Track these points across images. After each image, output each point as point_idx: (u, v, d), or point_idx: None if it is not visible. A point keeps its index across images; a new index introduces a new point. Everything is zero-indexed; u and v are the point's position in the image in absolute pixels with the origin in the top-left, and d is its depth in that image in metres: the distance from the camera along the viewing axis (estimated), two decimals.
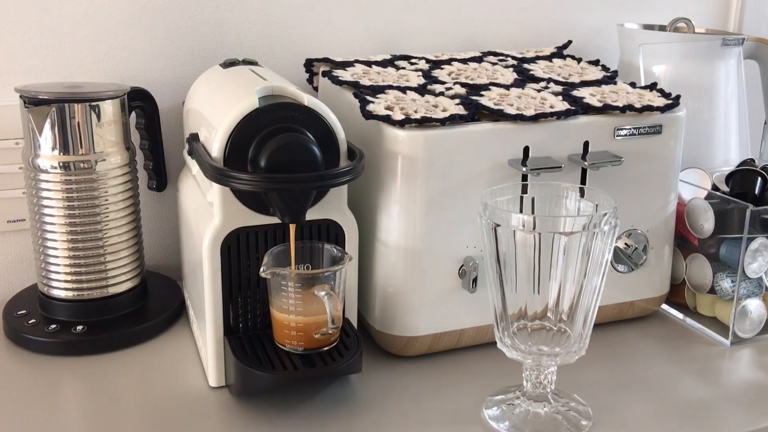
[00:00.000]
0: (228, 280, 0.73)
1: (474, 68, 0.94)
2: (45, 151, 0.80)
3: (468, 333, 0.82)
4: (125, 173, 0.85)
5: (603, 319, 0.88)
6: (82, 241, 0.82)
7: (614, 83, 0.92)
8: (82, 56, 0.93)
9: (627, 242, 0.86)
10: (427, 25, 1.08)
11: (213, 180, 0.69)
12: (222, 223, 0.72)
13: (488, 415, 0.72)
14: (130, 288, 0.87)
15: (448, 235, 0.78)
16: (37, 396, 0.74)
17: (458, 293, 0.80)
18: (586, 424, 0.71)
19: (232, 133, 0.69)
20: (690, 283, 0.91)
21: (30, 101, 0.79)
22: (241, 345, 0.73)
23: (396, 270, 0.79)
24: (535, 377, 0.71)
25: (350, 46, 1.05)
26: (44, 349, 0.82)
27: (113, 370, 0.79)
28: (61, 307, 0.84)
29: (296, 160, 0.68)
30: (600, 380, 0.79)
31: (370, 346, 0.83)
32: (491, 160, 0.78)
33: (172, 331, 0.88)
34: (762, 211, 0.83)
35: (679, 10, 1.21)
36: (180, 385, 0.77)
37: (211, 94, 0.82)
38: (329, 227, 0.75)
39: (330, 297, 0.69)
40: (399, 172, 0.76)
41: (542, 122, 0.79)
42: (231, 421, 0.71)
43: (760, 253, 0.84)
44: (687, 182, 0.92)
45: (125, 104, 0.85)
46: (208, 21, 0.97)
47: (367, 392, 0.76)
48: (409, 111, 0.77)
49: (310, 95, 0.72)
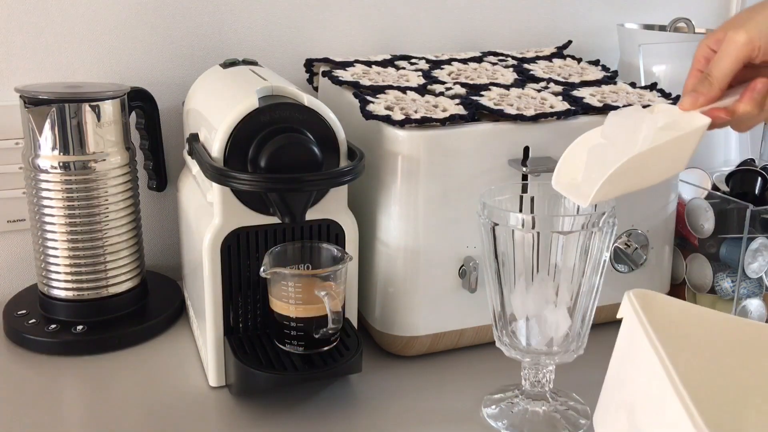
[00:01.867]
0: (228, 280, 0.73)
1: (474, 68, 0.94)
2: (45, 151, 0.80)
3: (468, 333, 0.82)
4: (125, 173, 0.85)
5: (603, 319, 0.88)
6: (82, 241, 0.82)
7: (614, 83, 0.92)
8: (82, 56, 0.93)
9: (627, 242, 0.86)
10: (427, 25, 1.08)
11: (213, 180, 0.69)
12: (222, 223, 0.72)
13: (487, 413, 0.72)
14: (130, 288, 0.87)
15: (448, 235, 0.78)
16: (37, 396, 0.74)
17: (458, 293, 0.80)
18: (584, 423, 0.71)
19: (232, 133, 0.69)
20: (690, 283, 0.91)
21: (30, 101, 0.79)
22: (241, 345, 0.73)
23: (396, 270, 0.79)
24: (533, 376, 0.71)
25: (350, 46, 1.05)
26: (44, 349, 0.82)
27: (113, 370, 0.79)
28: (61, 307, 0.85)
29: (296, 160, 0.68)
30: (599, 380, 0.79)
31: (370, 346, 0.83)
32: (491, 160, 0.78)
33: (172, 331, 0.88)
34: (762, 211, 0.83)
35: (679, 10, 1.21)
36: (180, 385, 0.77)
37: (211, 94, 0.82)
38: (329, 227, 0.76)
39: (330, 297, 0.69)
40: (399, 172, 0.76)
41: (542, 122, 0.79)
42: (231, 421, 0.71)
43: (760, 253, 0.84)
44: (687, 182, 0.92)
45: (125, 104, 0.85)
46: (208, 21, 0.97)
47: (367, 392, 0.76)
48: (409, 111, 0.77)
49: (310, 95, 0.72)
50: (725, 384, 0.61)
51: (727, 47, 0.66)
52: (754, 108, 0.66)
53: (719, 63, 0.66)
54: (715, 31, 0.68)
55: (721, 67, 0.66)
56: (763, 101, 0.66)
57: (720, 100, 0.66)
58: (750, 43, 0.65)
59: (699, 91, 0.66)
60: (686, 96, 0.67)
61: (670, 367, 0.49)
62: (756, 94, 0.65)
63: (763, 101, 0.66)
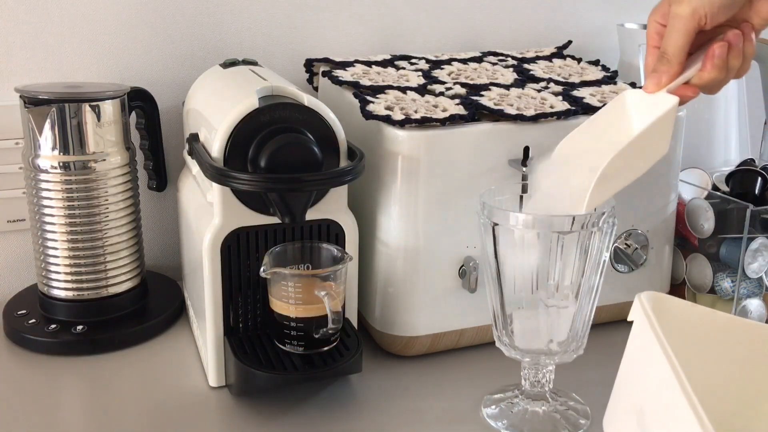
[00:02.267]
0: (228, 280, 0.73)
1: (474, 68, 0.94)
2: (45, 151, 0.80)
3: (468, 333, 0.82)
4: (125, 173, 0.85)
5: (603, 319, 0.88)
6: (82, 241, 0.82)
7: (614, 83, 0.92)
8: (82, 56, 0.93)
9: (627, 242, 0.86)
10: (427, 25, 1.08)
11: (213, 180, 0.69)
12: (222, 223, 0.72)
13: (487, 413, 0.72)
14: (130, 288, 0.87)
15: (448, 235, 0.78)
16: (37, 396, 0.74)
17: (458, 293, 0.80)
18: (584, 423, 0.71)
19: (232, 133, 0.69)
20: (690, 283, 0.91)
21: (30, 101, 0.79)
22: (241, 345, 0.73)
23: (396, 270, 0.79)
24: (533, 376, 0.71)
25: (350, 46, 1.05)
26: (44, 349, 0.82)
27: (113, 370, 0.79)
28: (61, 307, 0.85)
29: (296, 160, 0.68)
30: (599, 380, 0.79)
31: (370, 346, 0.83)
32: (491, 160, 0.78)
33: (172, 331, 0.88)
34: (762, 211, 0.83)
35: None
36: (180, 385, 0.77)
37: (211, 94, 0.82)
38: (329, 227, 0.76)
39: (330, 297, 0.69)
40: (399, 172, 0.76)
41: (542, 122, 0.79)
42: (231, 421, 0.71)
43: (760, 253, 0.84)
44: (687, 182, 0.92)
45: (125, 104, 0.85)
46: (208, 21, 0.97)
47: (367, 392, 0.76)
48: (409, 111, 0.77)
49: (310, 95, 0.72)
50: (736, 388, 0.61)
51: (673, 22, 0.65)
52: (718, 73, 0.66)
53: (670, 39, 0.66)
54: (659, 4, 0.68)
55: (672, 43, 0.66)
56: (724, 64, 0.66)
57: (683, 73, 0.66)
58: (695, 13, 0.64)
59: (660, 71, 0.66)
60: (649, 78, 0.67)
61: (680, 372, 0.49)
62: (717, 59, 0.65)
63: (724, 64, 0.66)
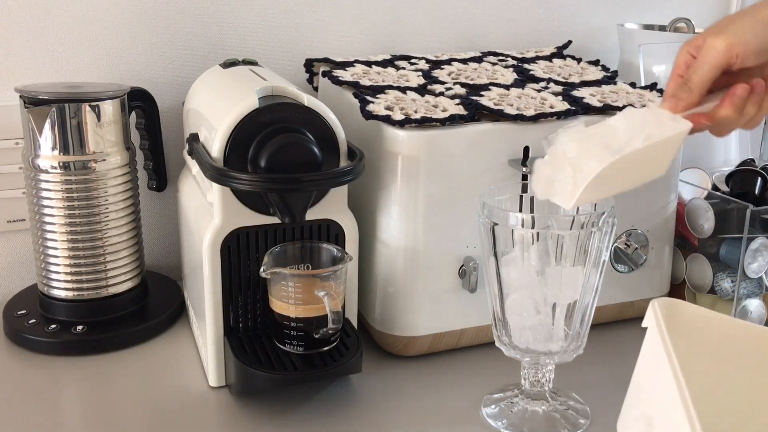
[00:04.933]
0: (228, 280, 0.73)
1: (474, 68, 0.94)
2: (45, 151, 0.80)
3: (468, 333, 0.82)
4: (125, 173, 0.85)
5: (603, 319, 0.88)
6: (82, 241, 0.82)
7: (614, 83, 0.92)
8: (82, 56, 0.93)
9: (627, 242, 0.86)
10: (427, 25, 1.08)
11: (213, 180, 0.69)
12: (222, 223, 0.72)
13: (487, 413, 0.72)
14: (130, 288, 0.87)
15: (448, 235, 0.78)
16: (37, 396, 0.74)
17: (458, 293, 0.80)
18: (583, 423, 0.71)
19: (232, 133, 0.69)
20: (690, 283, 0.91)
21: (30, 101, 0.79)
22: (241, 345, 0.73)
23: (396, 270, 0.79)
24: (533, 376, 0.71)
25: (350, 46, 1.05)
26: (44, 349, 0.82)
27: (113, 370, 0.79)
28: (61, 307, 0.85)
29: (296, 160, 0.68)
30: (599, 379, 0.79)
31: (370, 346, 0.83)
32: (491, 160, 0.78)
33: (172, 331, 0.88)
34: (762, 211, 0.83)
35: (679, 10, 1.21)
36: (180, 385, 0.77)
37: (211, 94, 0.82)
38: (329, 227, 0.76)
39: (330, 297, 0.69)
40: (399, 172, 0.76)
41: (542, 122, 0.79)
42: (231, 421, 0.71)
43: (760, 253, 0.84)
44: (687, 182, 0.92)
45: (125, 104, 0.85)
46: (208, 21, 0.97)
47: (367, 392, 0.76)
48: (409, 111, 0.77)
49: (310, 95, 0.72)
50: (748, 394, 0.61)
51: (706, 54, 0.66)
52: (734, 113, 0.67)
53: (699, 69, 0.67)
54: (695, 37, 0.69)
55: (700, 73, 0.66)
56: (743, 106, 0.67)
57: (699, 105, 0.67)
58: (729, 50, 0.65)
59: (679, 97, 0.67)
60: (666, 101, 0.68)
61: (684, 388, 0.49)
62: (737, 99, 0.66)
63: (743, 106, 0.67)
